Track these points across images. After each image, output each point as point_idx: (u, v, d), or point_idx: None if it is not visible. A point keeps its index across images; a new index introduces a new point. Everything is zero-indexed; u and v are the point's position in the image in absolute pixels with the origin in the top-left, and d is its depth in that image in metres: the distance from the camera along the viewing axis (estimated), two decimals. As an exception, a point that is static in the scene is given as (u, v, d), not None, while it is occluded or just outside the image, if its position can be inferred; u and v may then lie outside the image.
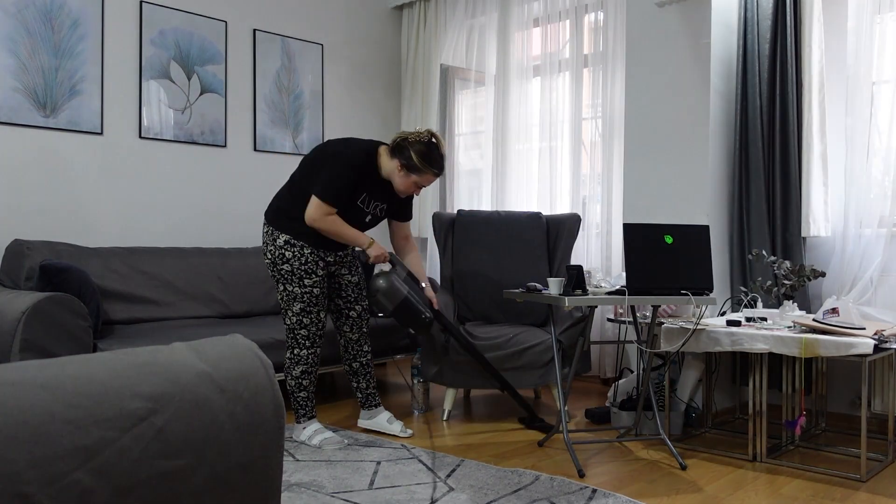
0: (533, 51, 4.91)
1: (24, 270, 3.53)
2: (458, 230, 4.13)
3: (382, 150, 3.12)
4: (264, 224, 3.18)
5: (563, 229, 4.07)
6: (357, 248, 3.21)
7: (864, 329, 2.79)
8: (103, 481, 0.85)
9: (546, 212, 4.64)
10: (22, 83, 3.79)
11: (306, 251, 3.10)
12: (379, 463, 2.90)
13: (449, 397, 3.70)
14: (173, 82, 4.35)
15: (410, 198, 3.32)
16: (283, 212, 3.13)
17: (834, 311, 2.87)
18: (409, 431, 3.36)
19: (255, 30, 4.75)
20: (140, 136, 4.23)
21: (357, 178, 3.05)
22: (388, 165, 3.09)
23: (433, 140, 3.07)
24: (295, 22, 4.98)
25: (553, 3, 4.74)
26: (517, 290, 3.16)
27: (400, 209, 3.32)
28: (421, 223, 5.34)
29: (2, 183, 3.75)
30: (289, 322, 3.15)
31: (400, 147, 3.05)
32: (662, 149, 3.73)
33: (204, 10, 4.50)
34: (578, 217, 4.07)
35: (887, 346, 2.75)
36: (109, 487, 0.86)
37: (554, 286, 2.97)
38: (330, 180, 3.03)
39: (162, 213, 4.33)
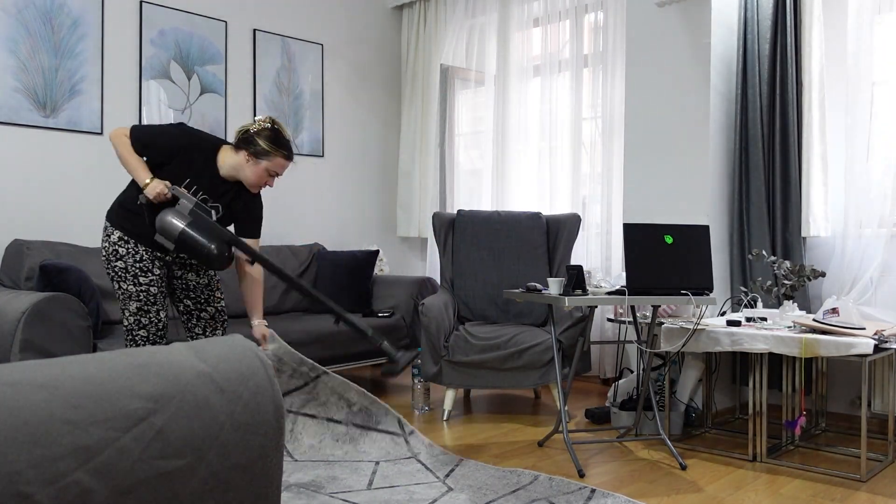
0: (533, 51, 4.91)
1: (24, 270, 3.53)
2: (458, 230, 4.13)
3: (225, 148, 2.94)
4: (105, 221, 2.96)
5: (563, 229, 4.07)
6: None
7: (864, 329, 2.79)
8: (103, 481, 0.85)
9: (546, 212, 4.64)
10: (22, 83, 3.79)
11: (140, 248, 2.88)
12: (378, 463, 2.90)
13: (449, 397, 3.70)
14: (173, 82, 4.35)
15: (257, 208, 3.05)
16: (120, 205, 2.92)
17: (834, 311, 2.87)
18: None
19: (255, 30, 4.75)
20: (140, 136, 4.23)
21: (178, 152, 2.83)
22: (233, 159, 2.90)
23: (276, 125, 2.92)
24: (295, 22, 4.98)
25: (553, 3, 4.74)
26: (517, 290, 3.16)
27: (241, 219, 3.02)
28: (421, 223, 5.35)
29: (2, 183, 3.75)
30: (126, 323, 2.91)
31: (245, 139, 2.88)
32: (662, 149, 3.73)
33: (204, 10, 4.50)
34: (578, 217, 4.07)
35: (887, 346, 2.75)
36: (109, 487, 0.86)
37: (554, 286, 2.97)
38: (152, 126, 2.92)
39: (162, 213, 4.33)
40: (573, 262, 4.23)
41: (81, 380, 0.90)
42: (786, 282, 3.23)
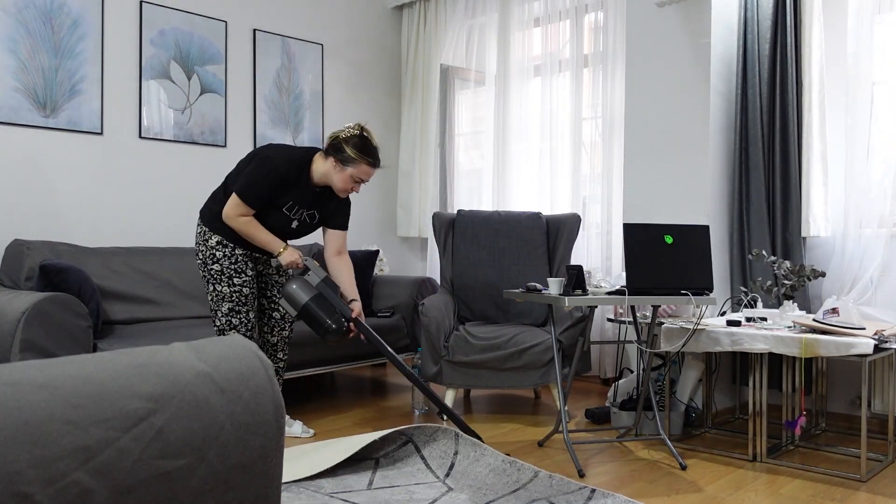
0: (533, 51, 4.91)
1: (24, 270, 3.53)
2: (458, 230, 4.13)
3: (317, 157, 3.09)
4: (198, 224, 3.14)
5: (563, 229, 4.07)
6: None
7: (864, 329, 2.79)
8: (103, 481, 0.85)
9: (546, 212, 4.64)
10: (22, 83, 3.79)
11: (237, 252, 3.08)
12: (378, 462, 2.90)
13: (449, 397, 3.70)
14: (173, 82, 4.35)
15: (346, 205, 3.23)
16: (216, 213, 3.08)
17: (834, 311, 2.87)
18: (311, 431, 3.41)
19: (255, 30, 4.75)
20: (140, 136, 4.23)
21: (282, 185, 3.01)
22: (323, 167, 3.05)
23: (364, 133, 3.05)
24: (295, 22, 4.98)
25: (553, 3, 4.74)
26: (517, 290, 3.16)
27: (333, 215, 3.21)
28: (421, 223, 5.35)
29: (2, 183, 3.75)
30: (218, 323, 3.09)
31: (334, 146, 3.03)
32: (662, 149, 3.73)
33: (204, 10, 4.50)
34: (578, 217, 4.07)
35: (887, 346, 2.75)
36: (109, 487, 0.86)
37: (554, 286, 2.97)
38: (252, 182, 2.98)
39: (162, 213, 4.33)
40: (573, 262, 4.23)
41: (81, 380, 0.90)
42: (786, 282, 3.23)
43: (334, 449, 2.90)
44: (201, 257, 3.09)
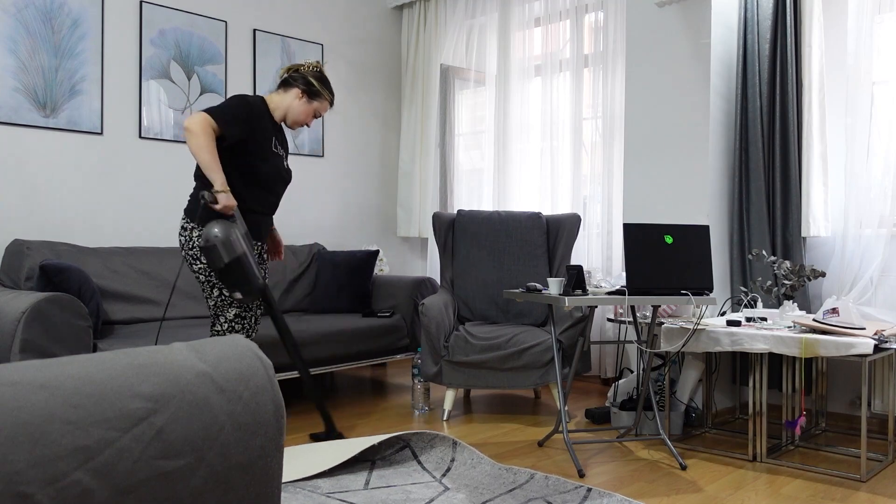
0: (533, 51, 4.91)
1: (24, 270, 3.53)
2: (458, 230, 4.13)
3: (271, 94, 3.02)
4: (189, 224, 2.84)
5: (563, 229, 4.08)
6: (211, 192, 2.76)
7: (864, 329, 2.79)
8: (103, 481, 0.85)
9: (546, 212, 4.65)
10: (22, 83, 3.79)
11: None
12: (374, 462, 2.90)
13: (449, 397, 3.70)
14: (173, 82, 4.35)
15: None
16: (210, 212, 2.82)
17: (834, 311, 2.87)
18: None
19: (255, 30, 4.75)
20: (140, 136, 4.23)
21: (256, 114, 2.86)
22: (283, 100, 2.97)
23: (322, 69, 3.06)
24: (295, 22, 4.98)
25: (553, 3, 4.74)
26: (517, 290, 3.16)
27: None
28: (421, 223, 5.35)
29: (2, 183, 3.75)
30: (219, 328, 2.92)
31: (294, 77, 2.98)
32: (662, 149, 3.73)
33: (204, 10, 4.50)
34: (578, 217, 4.07)
35: (887, 346, 2.75)
36: (109, 487, 0.86)
37: (554, 286, 2.97)
38: (225, 105, 2.80)
39: (162, 213, 4.33)
40: (573, 262, 4.23)
41: (81, 380, 0.90)
42: (786, 282, 3.23)
43: (333, 451, 2.90)
44: (204, 262, 2.82)
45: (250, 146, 2.85)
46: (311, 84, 2.97)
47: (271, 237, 3.25)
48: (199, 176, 2.86)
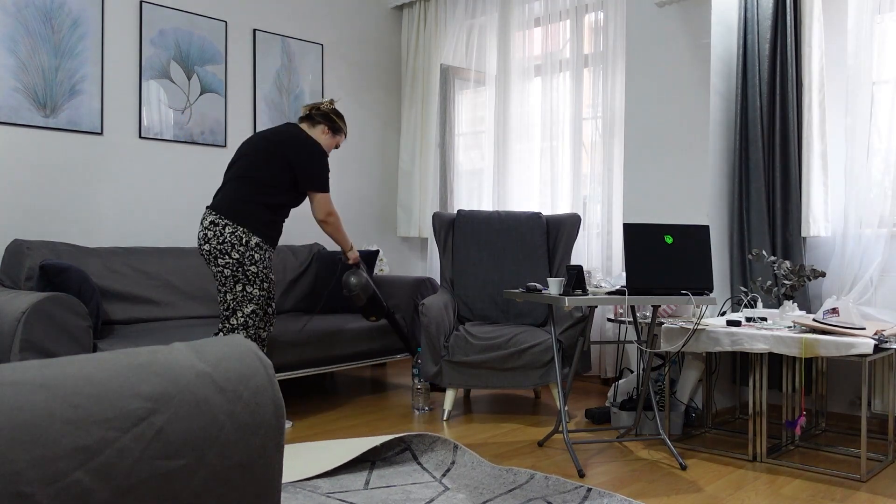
0: (533, 51, 4.91)
1: (24, 270, 3.53)
2: (458, 230, 4.13)
3: (303, 126, 3.43)
4: (224, 222, 3.18)
5: (563, 229, 4.07)
6: (342, 251, 3.56)
7: (864, 329, 2.79)
8: (103, 481, 0.85)
9: (547, 212, 4.64)
10: (22, 83, 3.79)
11: (269, 254, 3.26)
12: (374, 463, 2.90)
13: (449, 397, 3.70)
14: (173, 82, 4.35)
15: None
16: (253, 213, 3.20)
17: (834, 311, 2.87)
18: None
19: (255, 30, 4.75)
20: (140, 136, 4.23)
21: None
22: (313, 133, 3.40)
23: (335, 107, 3.51)
24: (295, 22, 4.98)
25: (553, 3, 4.74)
26: (517, 290, 3.16)
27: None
28: (421, 223, 5.35)
29: (2, 183, 3.75)
30: (234, 322, 3.20)
31: (321, 114, 3.41)
32: (662, 149, 3.73)
33: (204, 10, 4.50)
34: (578, 217, 4.07)
35: (887, 346, 2.75)
36: (109, 487, 0.86)
37: (554, 286, 2.97)
38: (327, 174, 3.34)
39: (162, 213, 4.33)
40: (573, 262, 4.23)
41: (81, 380, 0.90)
42: (786, 282, 3.23)
43: (333, 452, 2.90)
44: (236, 256, 3.14)
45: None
46: (334, 121, 3.42)
47: None
48: (261, 202, 3.23)
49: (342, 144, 3.94)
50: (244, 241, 3.16)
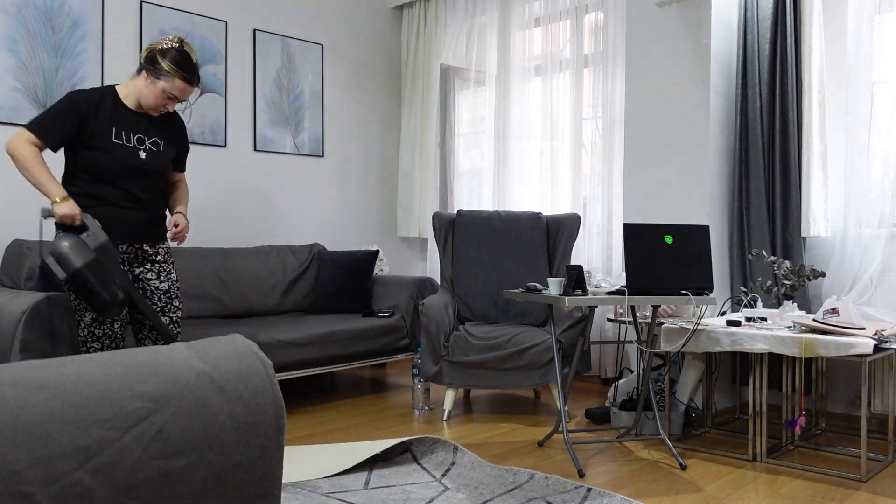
0: (533, 51, 4.91)
1: (24, 270, 3.53)
2: (458, 230, 4.13)
3: (125, 83, 2.84)
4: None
5: (563, 229, 4.07)
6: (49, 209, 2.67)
7: (864, 329, 2.79)
8: (103, 481, 0.85)
9: (547, 212, 4.64)
10: (22, 83, 3.79)
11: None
12: (374, 463, 2.90)
13: (449, 397, 3.70)
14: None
15: (184, 134, 3.01)
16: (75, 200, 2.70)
17: (834, 311, 2.87)
18: None
19: (255, 30, 4.75)
20: (140, 136, 4.23)
21: (81, 111, 2.69)
22: (134, 84, 2.78)
23: (185, 47, 2.77)
24: (295, 22, 4.98)
25: (553, 3, 4.74)
26: (517, 290, 3.16)
27: (181, 152, 3.02)
28: (421, 223, 5.35)
29: (2, 183, 3.75)
30: (80, 334, 2.77)
31: (148, 58, 2.74)
32: (662, 149, 3.73)
33: (204, 10, 4.50)
34: (578, 217, 4.07)
35: (887, 346, 2.75)
36: (109, 487, 0.86)
37: (554, 286, 2.97)
38: (48, 111, 2.68)
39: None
40: (574, 262, 4.23)
41: (81, 380, 0.90)
42: (786, 282, 3.23)
43: (334, 456, 2.90)
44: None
45: (84, 139, 2.71)
46: (156, 61, 2.70)
47: (174, 223, 2.95)
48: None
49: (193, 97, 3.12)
50: (59, 236, 2.68)
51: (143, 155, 2.79)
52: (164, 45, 2.74)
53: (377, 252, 4.67)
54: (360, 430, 3.45)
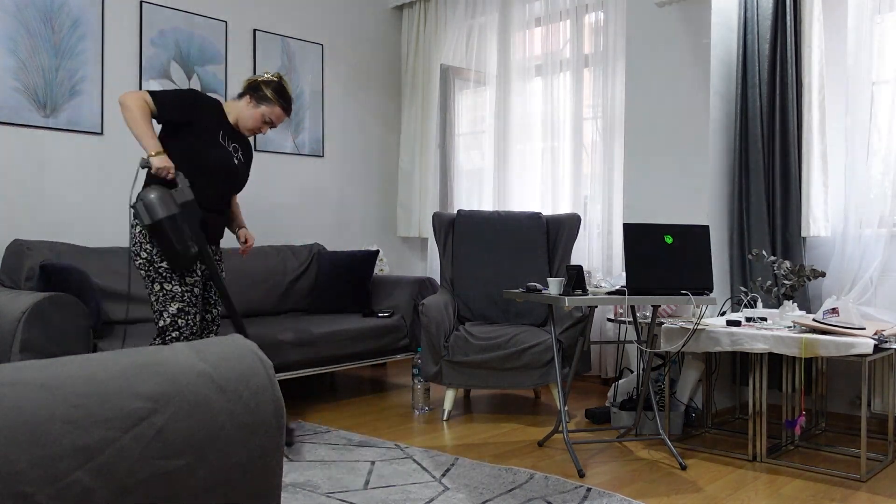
0: (533, 51, 4.91)
1: (24, 270, 3.53)
2: (458, 230, 4.13)
3: (229, 101, 3.12)
4: (135, 223, 2.85)
5: (563, 229, 4.08)
6: (145, 158, 2.80)
7: (864, 329, 2.79)
8: (103, 481, 0.85)
9: (547, 212, 4.64)
10: (22, 83, 3.79)
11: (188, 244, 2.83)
12: (374, 463, 2.90)
13: (449, 397, 3.70)
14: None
15: (251, 161, 3.20)
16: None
17: (834, 311, 2.87)
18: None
19: (255, 30, 4.75)
20: (140, 136, 4.23)
21: (202, 106, 2.95)
22: (236, 106, 3.06)
23: (283, 81, 3.11)
24: (295, 22, 4.98)
25: (553, 3, 4.74)
26: (517, 290, 3.16)
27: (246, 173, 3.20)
28: (421, 223, 5.35)
29: (2, 183, 3.75)
30: (162, 323, 2.86)
31: (251, 86, 3.06)
32: (662, 149, 3.73)
33: (204, 10, 4.50)
34: (578, 217, 4.07)
35: (887, 346, 2.75)
36: (109, 487, 0.86)
37: (554, 286, 2.97)
38: (169, 90, 2.93)
39: (162, 213, 4.32)
40: (574, 262, 4.23)
41: (81, 380, 0.90)
42: (786, 282, 3.23)
43: None
44: (145, 255, 2.83)
45: (194, 130, 2.90)
46: (259, 89, 3.03)
47: (241, 235, 3.25)
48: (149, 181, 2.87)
49: (282, 126, 3.39)
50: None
51: (236, 161, 3.04)
52: (266, 77, 3.08)
53: (377, 252, 4.67)
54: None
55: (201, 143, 2.91)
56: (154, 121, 2.84)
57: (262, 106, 3.03)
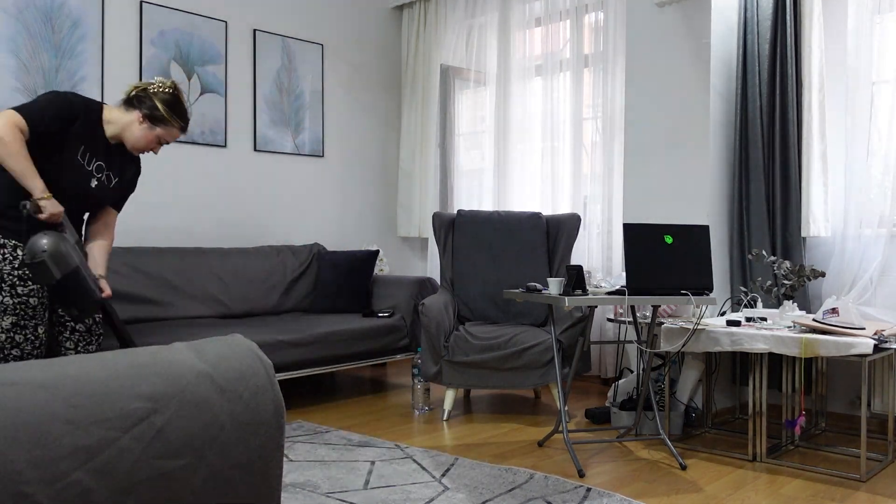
0: (533, 51, 4.91)
1: (24, 270, 3.52)
2: (458, 230, 4.13)
3: (110, 106, 2.69)
4: (14, 244, 2.53)
5: (563, 229, 4.08)
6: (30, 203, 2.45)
7: (863, 329, 2.79)
8: (103, 481, 0.85)
9: (547, 212, 4.65)
10: (22, 83, 3.79)
11: (19, 251, 2.51)
12: (373, 463, 2.90)
13: (449, 397, 3.70)
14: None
15: (136, 177, 2.85)
16: None
17: (834, 311, 2.87)
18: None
19: (255, 30, 4.75)
20: (140, 136, 4.23)
21: (71, 118, 2.54)
22: (123, 119, 2.64)
23: (177, 92, 2.70)
24: (295, 22, 4.98)
25: (553, 3, 4.74)
26: (517, 290, 3.16)
27: (126, 191, 2.84)
28: (421, 223, 5.35)
29: (2, 183, 3.75)
30: None
31: (140, 98, 2.64)
32: (662, 149, 3.73)
33: (204, 10, 4.50)
34: (578, 217, 4.07)
35: (887, 346, 2.76)
36: (109, 487, 0.86)
37: (554, 286, 2.97)
38: (37, 102, 2.49)
39: (162, 213, 4.33)
40: (574, 262, 4.23)
41: (81, 380, 0.90)
42: (786, 282, 3.23)
43: None
44: (32, 284, 2.53)
45: (47, 146, 2.52)
46: (156, 108, 2.63)
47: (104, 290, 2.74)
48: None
49: (175, 141, 2.90)
50: None
51: (93, 183, 2.66)
52: (157, 88, 2.67)
53: (377, 252, 4.67)
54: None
55: (52, 164, 2.53)
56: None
57: (158, 128, 2.66)
